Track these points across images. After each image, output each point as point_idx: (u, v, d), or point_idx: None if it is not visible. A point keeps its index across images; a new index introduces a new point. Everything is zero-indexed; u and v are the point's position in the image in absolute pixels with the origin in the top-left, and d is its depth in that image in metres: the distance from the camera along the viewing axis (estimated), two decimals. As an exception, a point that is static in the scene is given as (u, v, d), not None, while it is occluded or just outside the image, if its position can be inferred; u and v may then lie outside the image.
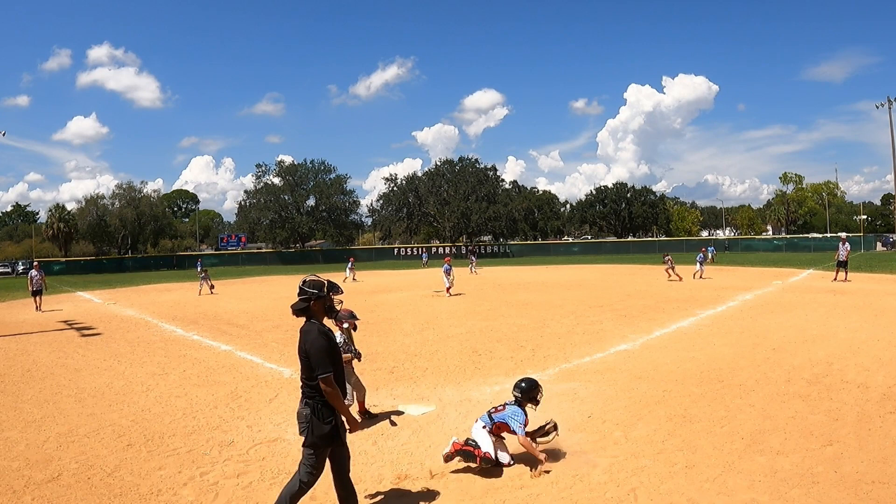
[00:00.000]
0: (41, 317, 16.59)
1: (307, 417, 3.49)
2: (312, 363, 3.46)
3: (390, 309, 15.99)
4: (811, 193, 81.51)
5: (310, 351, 3.47)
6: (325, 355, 3.49)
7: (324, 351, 3.49)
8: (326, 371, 3.46)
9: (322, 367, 3.45)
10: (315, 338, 3.50)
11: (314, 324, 3.58)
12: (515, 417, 4.69)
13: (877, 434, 5.02)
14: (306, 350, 3.49)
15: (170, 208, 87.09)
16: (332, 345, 3.56)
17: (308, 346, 3.48)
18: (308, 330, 3.54)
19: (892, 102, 44.31)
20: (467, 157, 68.51)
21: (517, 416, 4.69)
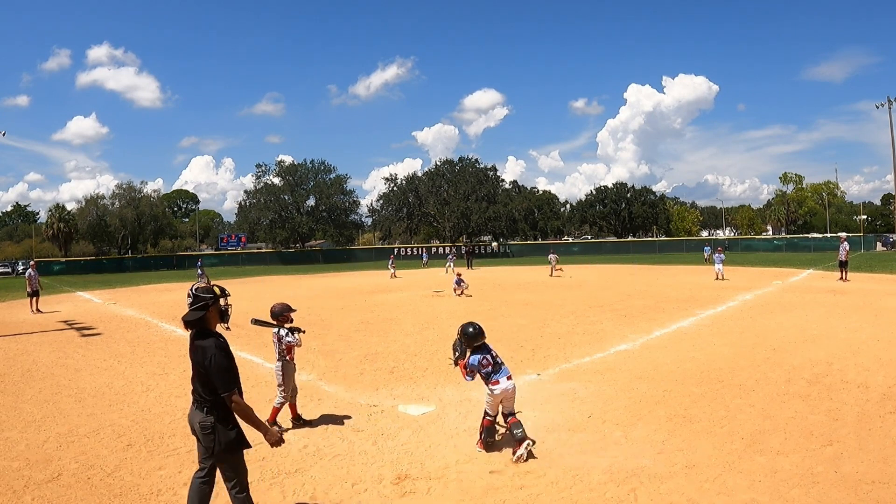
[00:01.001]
0: (41, 317, 16.59)
1: (212, 426, 3.32)
2: (215, 382, 3.31)
3: (390, 309, 15.99)
4: (811, 193, 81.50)
5: (210, 370, 3.30)
6: (227, 373, 3.35)
7: (225, 370, 3.34)
8: (230, 389, 3.33)
9: (225, 386, 3.31)
10: (215, 354, 3.32)
11: (211, 338, 3.40)
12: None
13: (877, 434, 5.02)
14: (206, 367, 3.31)
15: (170, 208, 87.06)
16: (231, 360, 3.42)
17: (208, 363, 3.30)
18: (206, 346, 3.35)
19: (892, 102, 44.32)
20: (467, 157, 68.52)
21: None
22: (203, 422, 3.34)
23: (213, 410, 3.35)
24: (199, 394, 3.39)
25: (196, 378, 3.40)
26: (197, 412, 3.38)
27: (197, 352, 3.37)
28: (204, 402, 3.36)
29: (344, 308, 16.46)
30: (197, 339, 3.41)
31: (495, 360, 4.99)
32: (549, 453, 4.86)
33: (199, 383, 3.38)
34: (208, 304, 3.43)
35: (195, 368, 3.40)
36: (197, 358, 3.36)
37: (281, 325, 5.79)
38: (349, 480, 4.46)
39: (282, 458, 4.92)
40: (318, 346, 10.40)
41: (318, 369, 8.50)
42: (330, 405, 6.53)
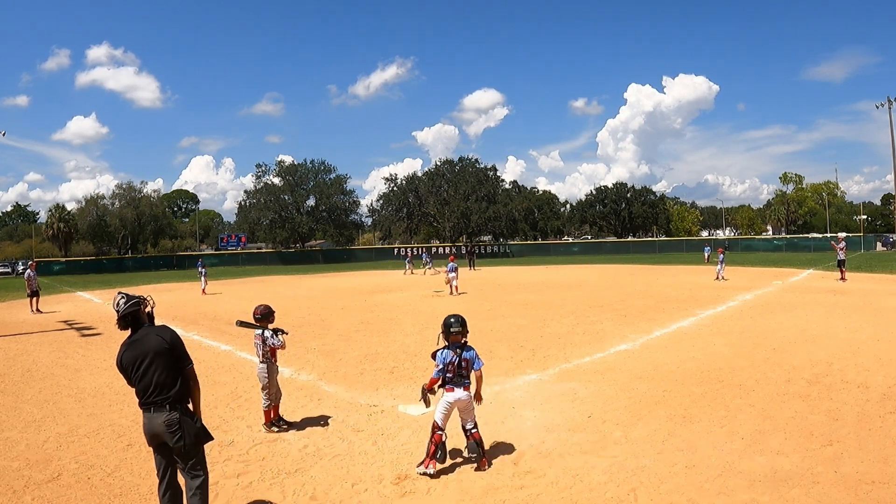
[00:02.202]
0: (41, 317, 16.59)
1: (178, 421, 3.37)
2: (179, 354, 3.45)
3: (390, 309, 15.99)
4: (811, 193, 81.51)
5: (176, 343, 3.45)
6: (184, 345, 3.54)
7: (182, 341, 3.54)
8: (190, 361, 3.53)
9: (188, 358, 3.52)
10: (171, 331, 3.53)
11: (150, 325, 3.55)
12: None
13: (877, 434, 5.02)
14: (170, 342, 3.43)
15: (170, 208, 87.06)
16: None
17: (171, 339, 3.45)
18: (154, 328, 3.52)
19: (892, 102, 44.33)
20: (467, 157, 68.51)
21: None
22: (168, 419, 3.36)
23: (175, 405, 3.40)
24: (157, 390, 3.39)
25: (159, 369, 3.39)
26: (158, 414, 3.38)
27: (147, 340, 3.42)
28: (165, 399, 3.39)
29: (344, 308, 16.46)
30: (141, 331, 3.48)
31: (459, 371, 4.60)
32: (549, 453, 4.86)
33: (165, 370, 3.40)
34: (139, 302, 3.56)
35: (156, 356, 3.39)
36: (152, 344, 3.40)
37: (264, 327, 5.80)
38: (349, 480, 4.46)
39: (282, 458, 4.92)
40: (318, 346, 10.40)
41: (318, 369, 8.50)
42: (330, 405, 6.53)
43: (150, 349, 3.40)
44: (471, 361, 4.63)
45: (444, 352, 4.66)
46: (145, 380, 3.40)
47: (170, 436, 3.36)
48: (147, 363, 3.39)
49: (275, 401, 5.77)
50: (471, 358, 4.64)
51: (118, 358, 3.49)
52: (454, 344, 4.65)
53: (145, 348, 3.41)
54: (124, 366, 3.44)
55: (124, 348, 3.47)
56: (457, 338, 4.66)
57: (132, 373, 3.42)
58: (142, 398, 3.43)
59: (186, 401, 3.49)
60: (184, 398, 3.46)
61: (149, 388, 3.40)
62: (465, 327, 4.72)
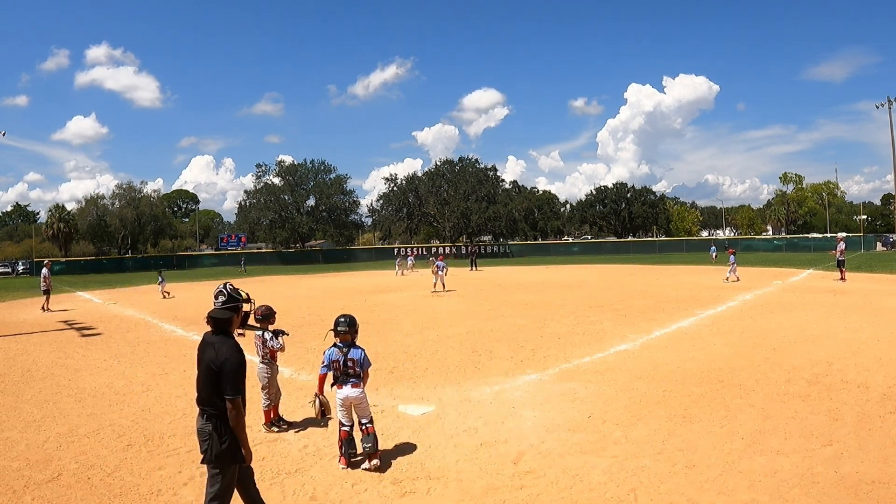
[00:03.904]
0: (41, 317, 16.59)
1: (209, 434, 3.25)
2: (224, 382, 3.21)
3: (390, 309, 15.99)
4: (811, 193, 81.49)
5: (225, 368, 3.22)
6: (240, 376, 3.27)
7: (238, 372, 3.26)
8: (236, 394, 3.23)
9: (233, 389, 3.22)
10: (232, 354, 3.26)
11: (229, 338, 3.36)
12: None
13: (877, 434, 5.02)
14: (220, 365, 3.22)
15: (170, 208, 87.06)
16: (244, 365, 3.33)
17: (223, 361, 3.22)
18: (223, 344, 3.29)
19: (892, 102, 44.32)
20: (467, 157, 68.52)
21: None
22: (202, 428, 3.30)
23: (211, 419, 3.28)
24: (201, 398, 3.31)
25: (202, 379, 3.30)
26: (199, 418, 3.34)
27: (209, 349, 3.29)
28: (204, 409, 3.30)
29: (344, 308, 16.45)
30: (212, 337, 3.35)
31: (345, 369, 4.70)
32: (549, 453, 4.86)
33: (205, 385, 3.27)
34: (239, 305, 3.42)
35: (204, 369, 3.29)
36: (209, 356, 3.27)
37: (265, 328, 5.82)
38: (349, 480, 4.46)
39: (282, 458, 4.92)
40: (317, 346, 10.39)
41: (318, 369, 8.48)
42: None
43: (205, 359, 3.32)
44: (358, 361, 4.74)
45: (329, 350, 4.82)
46: (197, 383, 3.37)
47: (200, 442, 3.34)
48: (200, 371, 3.35)
49: (274, 401, 5.78)
50: (358, 358, 4.75)
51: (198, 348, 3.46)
52: (342, 343, 4.79)
53: (205, 356, 3.33)
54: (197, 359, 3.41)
55: (201, 343, 3.41)
56: (345, 337, 4.80)
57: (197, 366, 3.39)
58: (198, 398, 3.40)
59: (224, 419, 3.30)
60: (222, 416, 3.29)
61: (197, 391, 3.37)
62: (354, 327, 4.86)
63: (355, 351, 4.77)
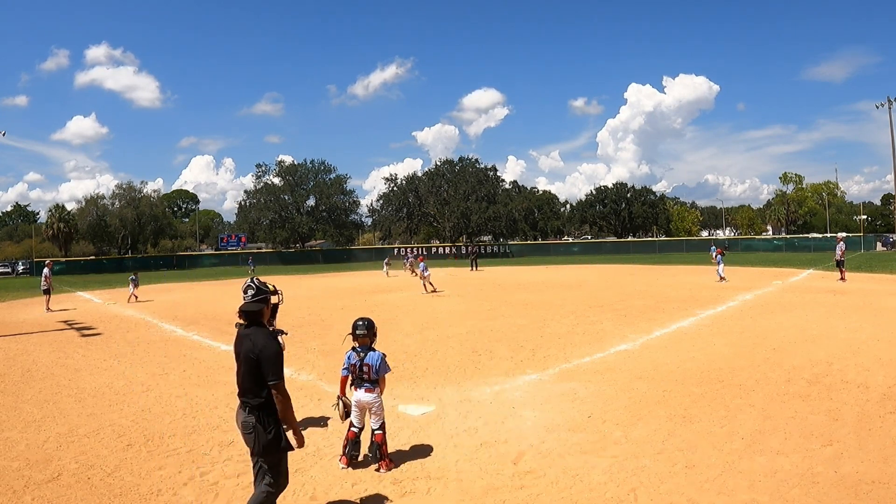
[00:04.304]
0: (41, 317, 16.58)
1: (253, 426, 3.33)
2: (265, 369, 3.32)
3: (390, 309, 15.99)
4: (811, 193, 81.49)
5: (263, 355, 3.32)
6: (279, 362, 3.37)
7: (277, 357, 3.37)
8: (279, 377, 3.34)
9: (275, 374, 3.33)
10: (268, 342, 3.37)
11: (262, 328, 3.45)
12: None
13: (877, 434, 5.02)
14: (258, 354, 3.32)
15: (170, 208, 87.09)
16: (281, 351, 3.47)
17: (260, 349, 3.33)
18: (258, 334, 3.40)
19: (892, 102, 44.30)
20: (467, 157, 68.55)
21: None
22: (245, 421, 3.37)
23: (254, 411, 3.35)
24: (244, 392, 3.39)
25: (243, 372, 3.40)
26: (241, 412, 3.41)
27: (245, 341, 3.39)
28: (247, 402, 3.37)
29: (344, 308, 16.45)
30: (246, 330, 3.44)
31: (360, 373, 4.71)
32: (549, 453, 4.86)
33: (248, 377, 3.37)
34: (268, 297, 3.52)
35: (244, 360, 3.38)
36: (246, 347, 3.37)
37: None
38: (349, 480, 4.46)
39: (282, 458, 4.92)
40: (317, 346, 10.40)
41: (318, 369, 8.50)
42: (330, 405, 6.52)
43: (243, 351, 3.40)
44: (372, 366, 4.71)
45: (348, 353, 4.83)
46: (238, 377, 3.46)
47: (245, 436, 3.42)
48: (240, 364, 3.43)
49: None
50: (372, 363, 4.72)
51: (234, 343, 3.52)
52: (361, 346, 4.78)
53: (242, 348, 3.42)
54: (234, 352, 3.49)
55: (237, 338, 3.49)
56: (363, 340, 4.79)
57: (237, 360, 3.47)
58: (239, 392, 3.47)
59: (271, 407, 3.38)
60: (268, 405, 3.37)
61: (238, 385, 3.46)
62: (372, 330, 4.84)
63: (372, 355, 4.75)
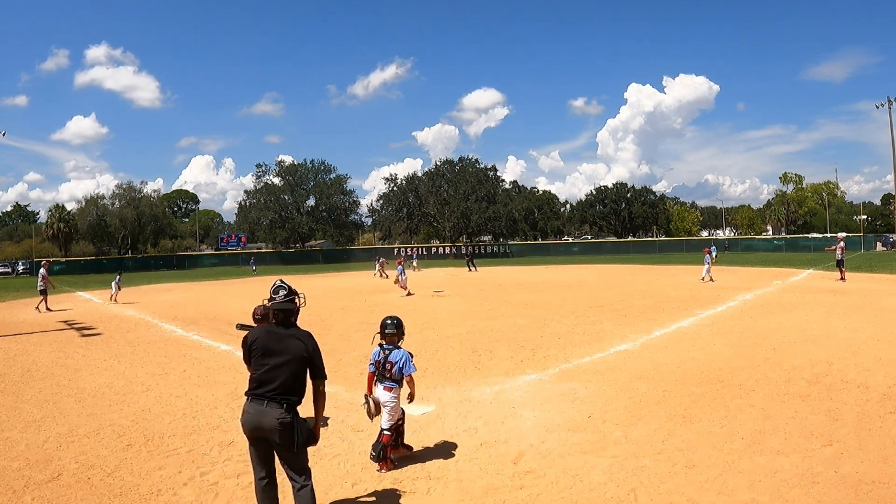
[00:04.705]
0: (41, 317, 16.58)
1: (291, 420, 3.36)
2: (318, 368, 3.47)
3: (390, 309, 15.97)
4: (811, 193, 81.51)
5: (317, 354, 3.47)
6: (322, 358, 3.54)
7: (320, 354, 3.53)
8: (325, 376, 3.52)
9: (324, 372, 3.51)
10: (316, 342, 3.51)
11: (303, 329, 3.54)
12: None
13: (877, 434, 5.02)
14: (311, 352, 3.44)
15: (170, 208, 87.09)
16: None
17: (313, 349, 3.46)
18: (304, 335, 3.49)
19: (892, 102, 44.33)
20: (467, 157, 68.60)
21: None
22: (282, 418, 3.33)
23: (292, 408, 3.39)
24: (283, 388, 3.37)
25: (287, 371, 3.39)
26: (273, 409, 3.34)
27: (292, 340, 3.43)
28: (286, 399, 3.37)
29: (344, 308, 16.46)
30: (286, 331, 3.48)
31: (383, 370, 4.74)
32: (549, 453, 4.86)
33: (289, 376, 3.39)
34: (297, 296, 3.57)
35: (294, 360, 3.40)
36: (296, 346, 3.42)
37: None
38: (349, 480, 4.46)
39: (282, 458, 4.92)
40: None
41: (318, 369, 8.49)
42: (330, 405, 6.49)
43: (291, 351, 3.42)
44: (395, 364, 4.72)
45: (375, 350, 4.88)
46: (273, 374, 3.39)
47: (280, 434, 3.34)
48: (282, 362, 3.40)
49: None
50: (395, 361, 4.72)
51: (253, 337, 3.49)
52: (388, 344, 4.83)
53: (286, 347, 3.42)
54: (255, 348, 3.45)
55: (264, 333, 3.48)
56: (391, 339, 4.84)
57: (259, 359, 3.43)
58: (260, 389, 3.40)
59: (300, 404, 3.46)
60: (300, 403, 3.45)
61: (272, 383, 3.39)
62: (401, 329, 4.89)
63: (396, 353, 4.77)
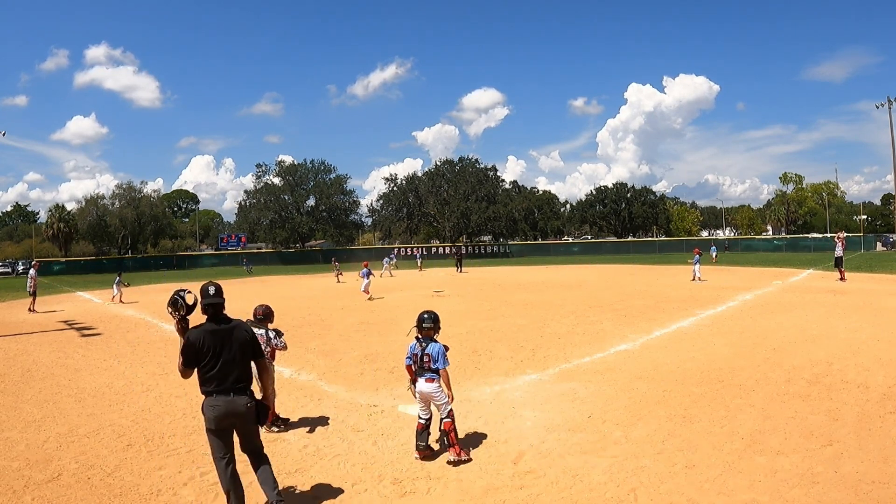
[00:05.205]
0: (41, 317, 16.59)
1: (250, 404, 3.77)
2: (257, 349, 3.94)
3: (390, 309, 15.99)
4: (811, 193, 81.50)
5: (254, 337, 3.96)
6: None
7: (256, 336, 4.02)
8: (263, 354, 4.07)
9: (262, 350, 4.07)
10: (249, 328, 4.01)
11: (230, 318, 3.90)
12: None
13: (877, 434, 5.02)
14: (251, 337, 3.90)
15: (170, 208, 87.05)
16: None
17: (252, 334, 3.94)
18: (239, 324, 3.92)
19: (892, 102, 44.28)
20: (467, 157, 68.53)
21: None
22: (249, 403, 3.78)
23: (246, 390, 3.81)
24: (240, 378, 3.77)
25: (239, 359, 3.77)
26: (239, 398, 3.74)
27: (234, 331, 3.81)
28: (244, 386, 3.79)
29: (344, 308, 16.46)
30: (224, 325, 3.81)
31: (421, 363, 4.82)
32: (549, 453, 4.86)
33: (241, 362, 3.79)
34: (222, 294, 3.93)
35: (240, 349, 3.78)
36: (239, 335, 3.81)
37: (265, 328, 5.89)
38: (349, 480, 4.46)
39: (282, 458, 4.92)
40: (317, 346, 10.41)
41: (318, 369, 8.50)
42: (330, 405, 6.54)
43: (236, 343, 3.78)
44: (432, 356, 4.80)
45: (411, 343, 4.95)
46: (229, 369, 3.73)
47: (249, 417, 3.78)
48: (232, 356, 3.75)
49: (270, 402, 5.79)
50: (432, 353, 4.81)
51: (196, 339, 3.71)
52: (424, 338, 4.89)
53: (231, 341, 3.77)
54: (200, 348, 3.70)
55: (207, 334, 3.74)
56: (428, 332, 4.90)
57: (208, 357, 3.71)
58: (221, 384, 3.71)
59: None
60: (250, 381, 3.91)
61: (231, 376, 3.74)
62: (438, 324, 4.95)
63: (433, 346, 4.85)
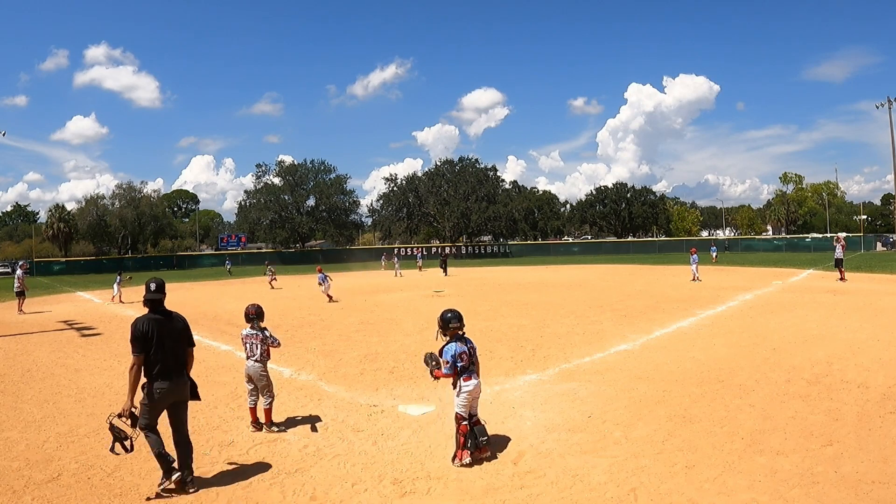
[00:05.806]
0: (41, 317, 16.59)
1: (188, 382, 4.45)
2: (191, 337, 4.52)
3: (390, 309, 15.99)
4: (811, 193, 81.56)
5: (188, 328, 4.49)
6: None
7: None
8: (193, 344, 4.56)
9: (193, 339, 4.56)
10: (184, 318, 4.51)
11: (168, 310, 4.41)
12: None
13: (877, 434, 5.02)
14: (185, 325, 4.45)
15: (170, 208, 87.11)
16: None
17: (186, 325, 4.47)
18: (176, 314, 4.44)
19: (892, 102, 44.28)
20: (467, 157, 68.60)
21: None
22: (190, 383, 4.48)
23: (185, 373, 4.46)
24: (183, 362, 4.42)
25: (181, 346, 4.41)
26: (182, 378, 4.39)
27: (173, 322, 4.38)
28: (185, 368, 4.45)
29: (344, 308, 16.46)
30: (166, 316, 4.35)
31: (472, 356, 4.81)
32: (549, 453, 4.86)
33: (182, 351, 4.42)
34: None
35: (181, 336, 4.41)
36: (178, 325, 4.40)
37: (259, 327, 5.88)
38: (349, 480, 4.46)
39: (282, 458, 4.92)
40: (318, 346, 10.40)
41: (318, 369, 8.50)
42: (330, 405, 6.53)
43: (177, 331, 4.37)
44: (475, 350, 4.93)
45: (451, 345, 4.82)
46: (173, 353, 4.32)
47: (180, 395, 4.40)
48: (173, 343, 4.33)
49: (265, 405, 5.78)
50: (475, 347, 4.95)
51: (143, 327, 4.21)
52: (458, 336, 4.87)
53: (172, 330, 4.34)
54: (149, 336, 4.20)
55: (153, 323, 4.25)
56: (455, 331, 4.88)
57: (155, 343, 4.21)
58: (165, 367, 4.25)
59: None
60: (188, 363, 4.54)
61: (176, 360, 4.35)
62: (462, 322, 4.95)
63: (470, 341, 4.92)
